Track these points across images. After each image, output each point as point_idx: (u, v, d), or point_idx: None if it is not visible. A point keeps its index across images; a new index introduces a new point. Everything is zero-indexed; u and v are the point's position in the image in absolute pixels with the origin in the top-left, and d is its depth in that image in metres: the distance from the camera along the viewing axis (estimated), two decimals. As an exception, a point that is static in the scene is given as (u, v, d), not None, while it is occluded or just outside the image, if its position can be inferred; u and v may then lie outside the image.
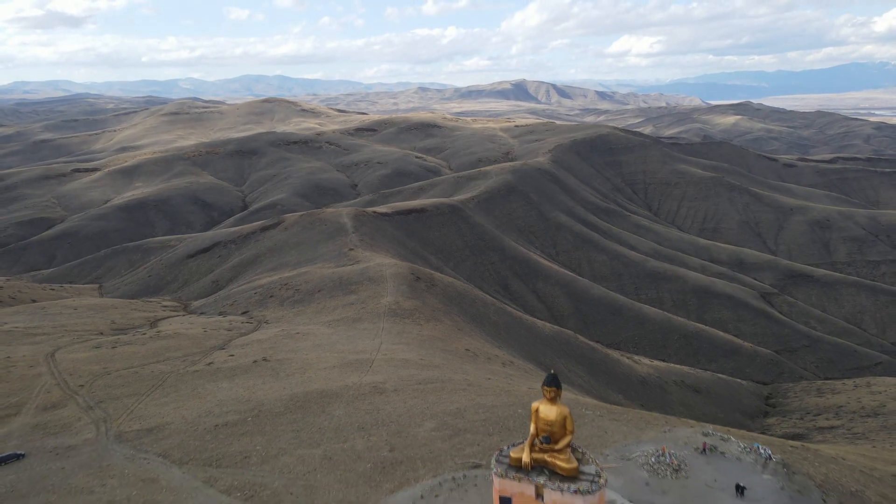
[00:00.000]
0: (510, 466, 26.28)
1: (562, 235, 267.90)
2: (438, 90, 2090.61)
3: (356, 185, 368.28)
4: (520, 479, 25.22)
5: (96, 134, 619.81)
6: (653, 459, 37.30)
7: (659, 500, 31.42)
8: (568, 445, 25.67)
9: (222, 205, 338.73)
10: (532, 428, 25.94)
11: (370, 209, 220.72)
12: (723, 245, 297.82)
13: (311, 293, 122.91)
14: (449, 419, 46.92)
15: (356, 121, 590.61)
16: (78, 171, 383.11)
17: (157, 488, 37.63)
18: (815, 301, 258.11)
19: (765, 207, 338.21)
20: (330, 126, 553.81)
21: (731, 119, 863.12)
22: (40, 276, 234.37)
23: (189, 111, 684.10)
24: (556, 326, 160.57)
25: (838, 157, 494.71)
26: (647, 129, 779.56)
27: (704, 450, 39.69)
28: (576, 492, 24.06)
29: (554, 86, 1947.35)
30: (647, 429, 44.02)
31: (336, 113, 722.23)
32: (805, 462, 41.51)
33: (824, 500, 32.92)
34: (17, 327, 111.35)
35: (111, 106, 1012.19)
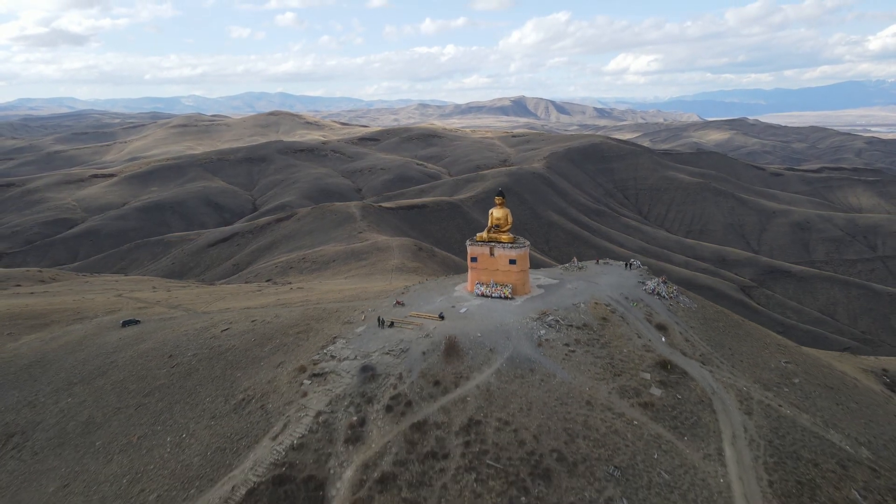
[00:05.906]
0: (476, 241, 44.73)
1: (554, 232, 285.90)
2: (439, 106, 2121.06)
3: (360, 190, 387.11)
4: (481, 246, 43.51)
5: (107, 145, 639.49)
6: (567, 265, 55.67)
7: (566, 277, 50.01)
8: (508, 230, 43.77)
9: (234, 207, 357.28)
10: (489, 222, 44.25)
11: (376, 204, 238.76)
12: (706, 244, 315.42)
13: (326, 263, 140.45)
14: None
15: (359, 132, 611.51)
16: (96, 176, 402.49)
17: (250, 309, 54.62)
18: (791, 294, 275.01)
19: (749, 211, 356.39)
20: (333, 137, 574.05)
21: (725, 135, 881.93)
22: (67, 268, 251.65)
23: (197, 123, 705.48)
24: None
25: (824, 167, 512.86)
26: (643, 144, 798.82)
27: (598, 262, 58.60)
28: (511, 247, 41.98)
29: (553, 102, 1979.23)
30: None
31: (339, 126, 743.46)
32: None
33: (659, 277, 51.18)
34: (73, 289, 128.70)
35: (117, 121, 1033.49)
